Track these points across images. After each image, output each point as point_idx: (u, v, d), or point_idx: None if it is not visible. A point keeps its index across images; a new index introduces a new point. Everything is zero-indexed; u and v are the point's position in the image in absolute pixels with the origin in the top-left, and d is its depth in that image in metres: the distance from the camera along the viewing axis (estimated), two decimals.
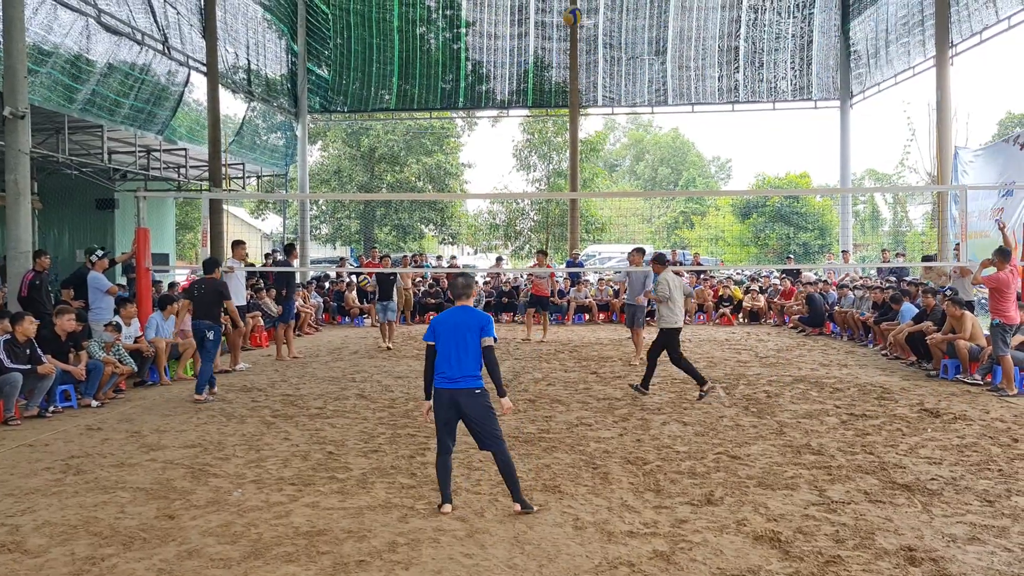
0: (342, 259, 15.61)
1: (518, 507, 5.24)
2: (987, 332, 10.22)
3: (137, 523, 5.06)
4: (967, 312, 10.68)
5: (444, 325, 5.33)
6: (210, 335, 9.83)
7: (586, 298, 19.46)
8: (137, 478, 6.06)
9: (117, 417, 8.44)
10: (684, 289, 9.85)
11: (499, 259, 29.92)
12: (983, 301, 11.71)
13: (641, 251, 12.75)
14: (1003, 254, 9.82)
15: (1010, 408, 8.60)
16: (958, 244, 11.95)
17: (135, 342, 10.43)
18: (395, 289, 14.80)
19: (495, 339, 5.34)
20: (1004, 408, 8.60)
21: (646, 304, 12.35)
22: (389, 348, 14.24)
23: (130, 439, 7.38)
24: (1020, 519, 5.06)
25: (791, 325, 17.50)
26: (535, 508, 5.26)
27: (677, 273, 11.01)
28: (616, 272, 21.29)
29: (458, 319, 5.31)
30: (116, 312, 10.52)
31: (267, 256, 19.69)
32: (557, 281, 18.93)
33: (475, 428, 5.26)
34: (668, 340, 9.32)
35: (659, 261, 9.88)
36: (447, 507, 5.27)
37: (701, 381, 9.16)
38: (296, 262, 15.54)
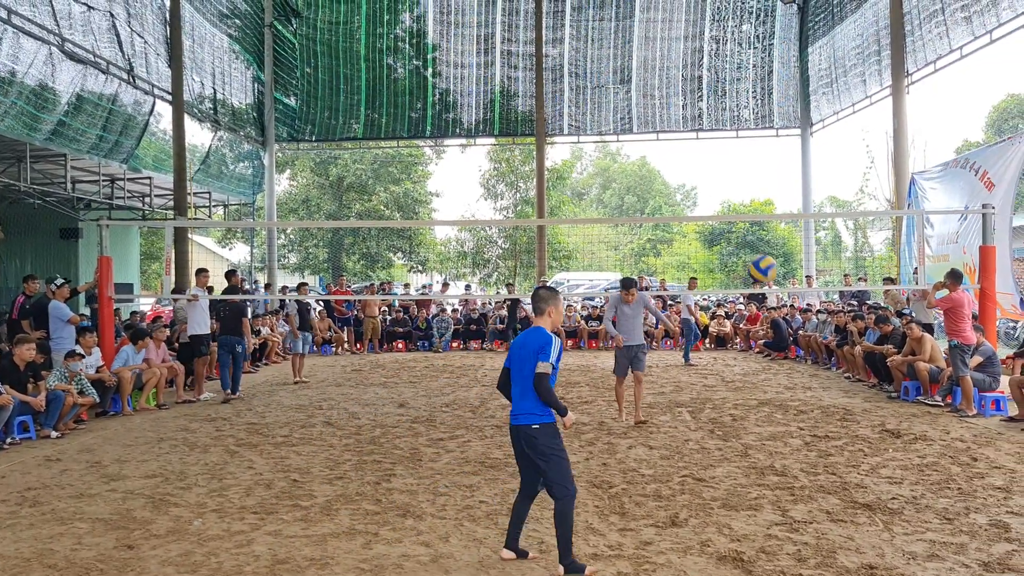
0: (301, 284, 14.95)
1: (561, 570, 4.52)
2: (945, 355, 10.40)
3: (94, 554, 4.97)
4: (927, 334, 10.89)
5: (513, 349, 4.71)
6: (238, 348, 11.68)
7: None
8: (96, 509, 5.95)
9: (77, 448, 8.29)
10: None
11: (467, 287, 29.98)
12: (943, 324, 11.93)
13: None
14: (954, 276, 10.05)
15: (969, 428, 8.75)
16: (916, 268, 12.16)
17: (96, 372, 10.28)
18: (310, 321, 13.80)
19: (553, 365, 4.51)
20: (964, 428, 8.75)
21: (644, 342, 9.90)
22: (303, 382, 13.44)
23: (90, 470, 7.25)
24: (978, 536, 5.14)
25: (757, 350, 17.69)
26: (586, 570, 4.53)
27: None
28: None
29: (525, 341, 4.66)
30: (77, 342, 10.36)
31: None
32: (524, 308, 18.93)
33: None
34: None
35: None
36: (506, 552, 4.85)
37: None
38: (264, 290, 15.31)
